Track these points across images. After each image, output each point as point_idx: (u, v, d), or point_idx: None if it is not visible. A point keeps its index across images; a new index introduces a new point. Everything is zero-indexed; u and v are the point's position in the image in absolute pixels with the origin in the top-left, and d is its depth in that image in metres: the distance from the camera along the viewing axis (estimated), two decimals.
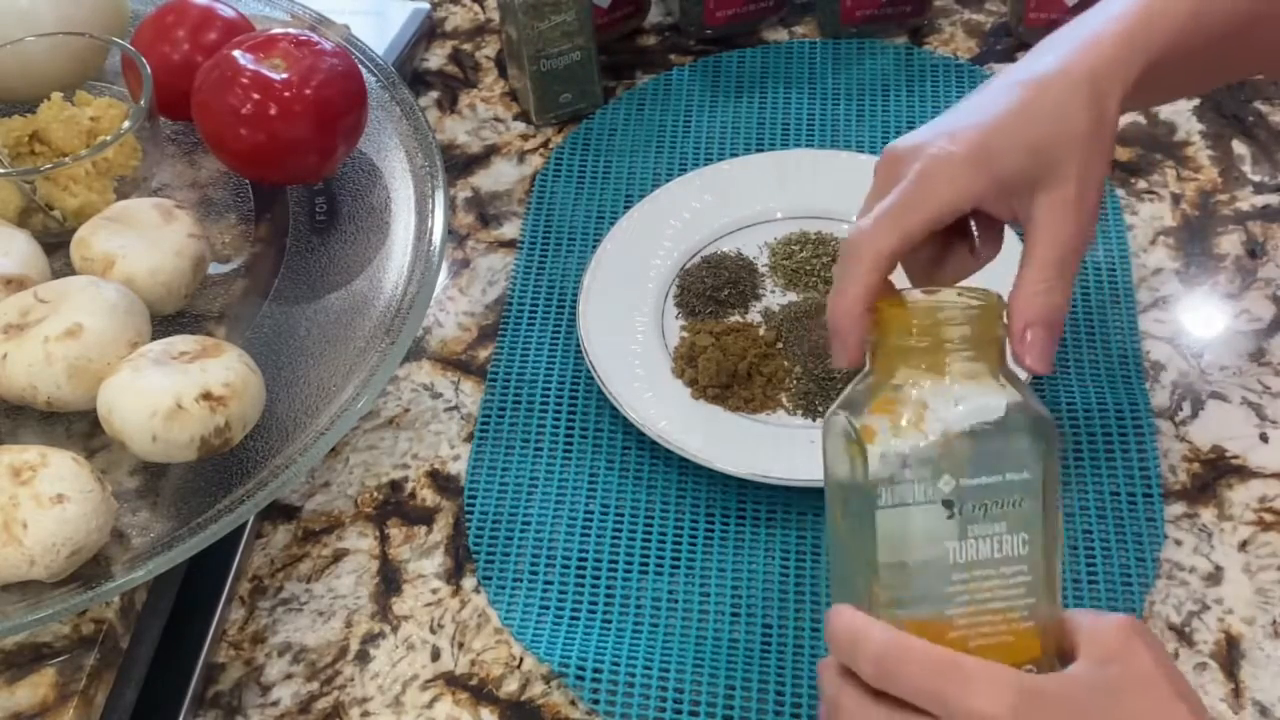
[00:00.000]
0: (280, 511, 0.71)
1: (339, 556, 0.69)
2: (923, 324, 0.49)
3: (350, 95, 0.75)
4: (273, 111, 0.72)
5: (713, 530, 0.68)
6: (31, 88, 0.77)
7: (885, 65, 0.91)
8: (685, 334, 0.75)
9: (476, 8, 0.99)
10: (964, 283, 0.55)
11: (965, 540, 0.47)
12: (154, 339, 0.66)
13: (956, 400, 0.48)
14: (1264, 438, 0.70)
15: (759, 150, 0.86)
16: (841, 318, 0.51)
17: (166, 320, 0.70)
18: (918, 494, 0.47)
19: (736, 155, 0.85)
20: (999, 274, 0.55)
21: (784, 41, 0.94)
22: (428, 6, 0.96)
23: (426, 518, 0.70)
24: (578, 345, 0.75)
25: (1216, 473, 0.69)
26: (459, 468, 0.72)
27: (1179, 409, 0.71)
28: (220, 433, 0.63)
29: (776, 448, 0.69)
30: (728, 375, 0.72)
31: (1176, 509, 0.67)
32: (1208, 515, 0.67)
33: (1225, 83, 0.83)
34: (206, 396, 0.62)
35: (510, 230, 0.84)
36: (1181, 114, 0.86)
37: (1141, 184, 0.82)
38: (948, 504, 0.47)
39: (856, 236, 0.52)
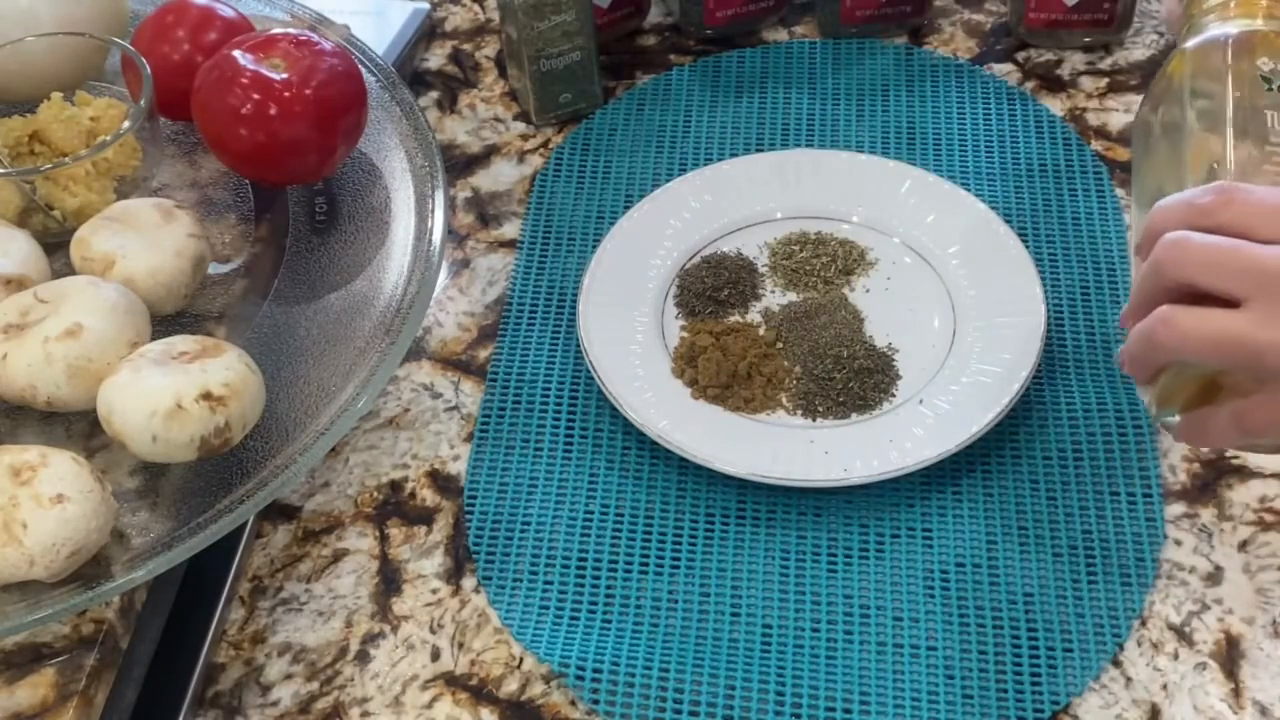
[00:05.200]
0: (280, 511, 0.71)
1: (339, 556, 0.69)
2: None
3: (350, 95, 0.75)
4: (273, 111, 0.72)
5: (713, 530, 0.68)
6: (31, 88, 0.77)
7: (885, 65, 0.91)
8: (685, 334, 0.75)
9: (476, 8, 0.99)
10: None
11: None
12: (154, 339, 0.66)
13: (1266, 24, 0.57)
14: None
15: (759, 150, 0.86)
16: None
17: (166, 320, 0.70)
18: (1242, 71, 0.55)
19: (736, 155, 0.85)
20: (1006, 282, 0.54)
21: (784, 41, 0.94)
22: (428, 6, 0.96)
23: (426, 518, 0.70)
24: (578, 345, 0.75)
25: (1216, 473, 0.68)
26: (459, 468, 0.72)
27: None
28: (220, 433, 0.63)
29: (776, 448, 0.69)
30: (728, 375, 0.72)
31: (1176, 509, 0.67)
32: (1208, 515, 0.67)
33: None
34: (206, 396, 0.62)
35: (510, 230, 0.84)
36: None
37: None
38: (1266, 80, 0.54)
39: None
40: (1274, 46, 0.56)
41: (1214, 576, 0.65)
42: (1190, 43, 0.58)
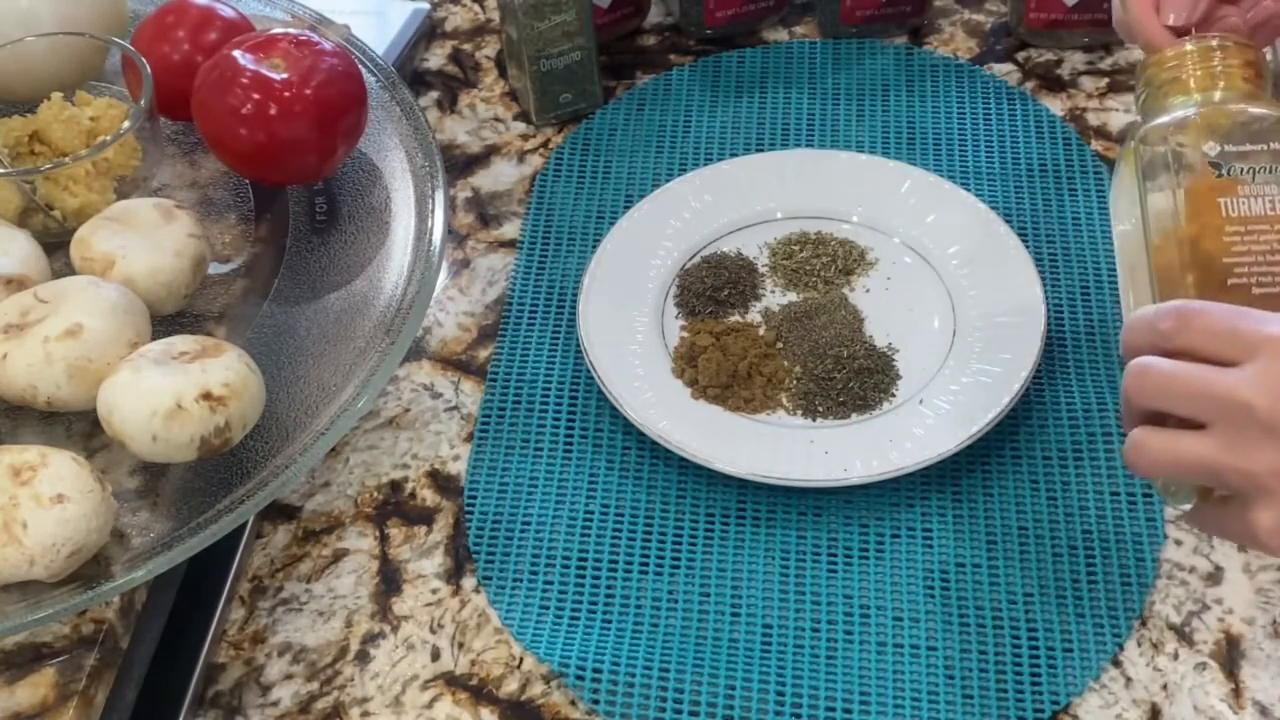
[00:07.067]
0: (280, 511, 0.71)
1: (339, 556, 0.69)
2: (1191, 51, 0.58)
3: (350, 95, 0.75)
4: (273, 111, 0.72)
5: (713, 530, 0.68)
6: (31, 88, 0.77)
7: (885, 65, 0.91)
8: (685, 334, 0.75)
9: (476, 8, 0.99)
10: None
11: (1235, 198, 0.53)
12: (154, 339, 0.66)
13: (1221, 99, 0.56)
14: None
15: (759, 150, 0.86)
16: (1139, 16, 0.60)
17: (166, 320, 0.70)
18: (1190, 157, 0.55)
19: (736, 155, 0.85)
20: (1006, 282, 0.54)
21: (784, 41, 0.94)
22: (428, 6, 0.96)
23: (426, 518, 0.70)
24: (578, 345, 0.75)
25: None
26: (459, 468, 0.72)
27: None
28: (220, 433, 0.63)
29: (776, 448, 0.69)
30: (728, 375, 0.72)
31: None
32: None
33: None
34: (206, 396, 0.62)
35: (510, 230, 0.84)
36: None
37: None
38: (1214, 165, 0.54)
39: None
40: (1223, 126, 0.55)
41: (1214, 576, 0.65)
42: (1142, 127, 0.57)
